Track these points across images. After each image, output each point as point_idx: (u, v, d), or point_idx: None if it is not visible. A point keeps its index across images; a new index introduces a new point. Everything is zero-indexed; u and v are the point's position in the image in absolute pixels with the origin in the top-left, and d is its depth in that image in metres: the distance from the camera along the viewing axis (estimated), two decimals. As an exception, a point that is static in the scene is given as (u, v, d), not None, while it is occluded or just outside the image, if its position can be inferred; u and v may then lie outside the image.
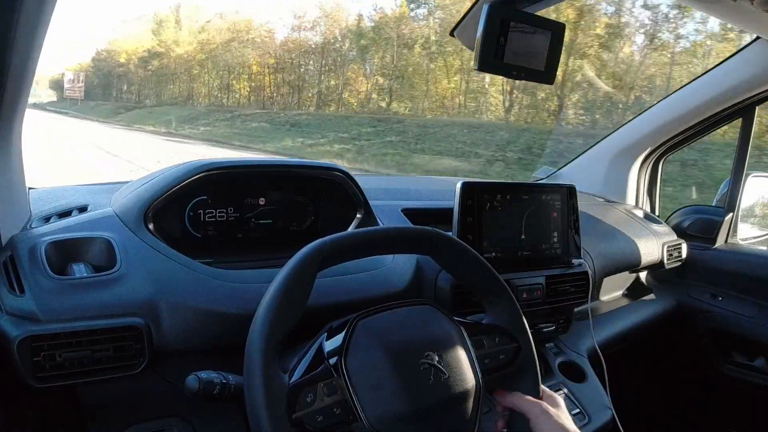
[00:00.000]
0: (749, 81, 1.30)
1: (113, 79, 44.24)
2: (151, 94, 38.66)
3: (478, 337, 0.64)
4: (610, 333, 1.24)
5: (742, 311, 1.41)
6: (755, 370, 1.38)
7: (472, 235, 0.92)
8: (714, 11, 0.98)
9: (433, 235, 0.66)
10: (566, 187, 1.05)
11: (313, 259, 0.57)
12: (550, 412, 0.63)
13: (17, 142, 0.77)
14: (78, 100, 41.16)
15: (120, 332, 0.66)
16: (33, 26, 0.60)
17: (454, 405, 0.56)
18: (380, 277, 0.86)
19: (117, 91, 44.65)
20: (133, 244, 0.76)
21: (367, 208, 0.98)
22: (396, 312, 0.61)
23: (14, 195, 0.78)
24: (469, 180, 0.94)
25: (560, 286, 1.02)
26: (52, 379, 0.63)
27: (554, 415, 0.63)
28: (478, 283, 0.68)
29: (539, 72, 0.80)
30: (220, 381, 0.58)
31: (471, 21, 0.88)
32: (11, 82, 0.64)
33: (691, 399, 1.57)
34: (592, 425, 0.94)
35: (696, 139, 1.54)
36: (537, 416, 0.63)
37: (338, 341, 0.56)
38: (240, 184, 0.92)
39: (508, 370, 0.66)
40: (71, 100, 41.28)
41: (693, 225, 1.54)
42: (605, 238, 1.28)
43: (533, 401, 0.64)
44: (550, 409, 0.63)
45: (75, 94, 41.08)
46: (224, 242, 0.91)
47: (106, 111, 36.30)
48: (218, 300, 0.72)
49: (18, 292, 0.66)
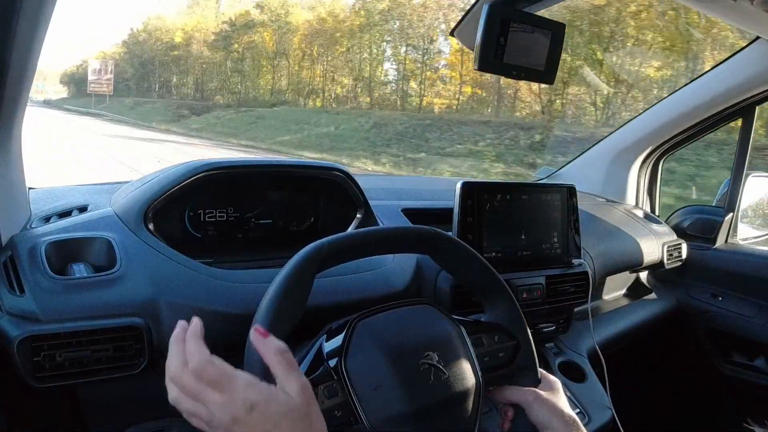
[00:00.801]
0: (749, 81, 1.30)
1: (154, 68, 33.89)
2: (230, 87, 27.61)
3: (477, 336, 0.64)
4: (610, 333, 1.24)
5: (742, 311, 1.41)
6: (755, 370, 1.38)
7: (472, 235, 0.92)
8: (714, 11, 0.98)
9: (433, 234, 0.66)
10: (566, 187, 1.05)
11: (313, 260, 0.57)
12: (543, 397, 0.63)
13: (17, 141, 0.77)
14: (106, 95, 32.90)
15: (120, 332, 0.66)
16: (33, 24, 0.60)
17: (454, 404, 0.57)
18: (380, 277, 0.86)
19: (160, 85, 33.90)
20: (133, 244, 0.76)
21: (367, 208, 0.98)
22: (395, 312, 0.61)
23: (14, 195, 0.78)
24: (469, 180, 0.94)
25: (560, 286, 1.02)
26: (52, 379, 0.63)
27: (548, 399, 0.62)
28: (478, 282, 0.68)
29: (539, 72, 0.80)
30: None
31: (471, 21, 0.88)
32: (11, 81, 0.64)
33: (691, 399, 1.57)
34: (592, 425, 0.94)
35: (696, 139, 1.54)
36: (531, 404, 0.62)
37: (338, 342, 0.56)
38: (240, 184, 0.92)
39: (507, 368, 0.66)
40: (97, 96, 32.76)
41: (693, 225, 1.54)
42: (605, 238, 1.28)
43: (526, 389, 0.64)
44: (542, 394, 0.63)
45: (102, 88, 32.70)
46: (224, 242, 0.91)
47: (157, 113, 27.34)
48: (218, 300, 0.72)
49: (18, 292, 0.66)
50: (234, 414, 0.44)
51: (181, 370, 0.47)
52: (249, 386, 0.45)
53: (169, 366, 0.48)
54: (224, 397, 0.45)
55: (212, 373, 0.45)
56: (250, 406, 0.44)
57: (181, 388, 0.47)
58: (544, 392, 0.63)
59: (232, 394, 0.45)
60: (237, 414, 0.44)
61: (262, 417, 0.44)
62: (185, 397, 0.47)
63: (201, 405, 0.45)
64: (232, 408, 0.44)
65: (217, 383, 0.45)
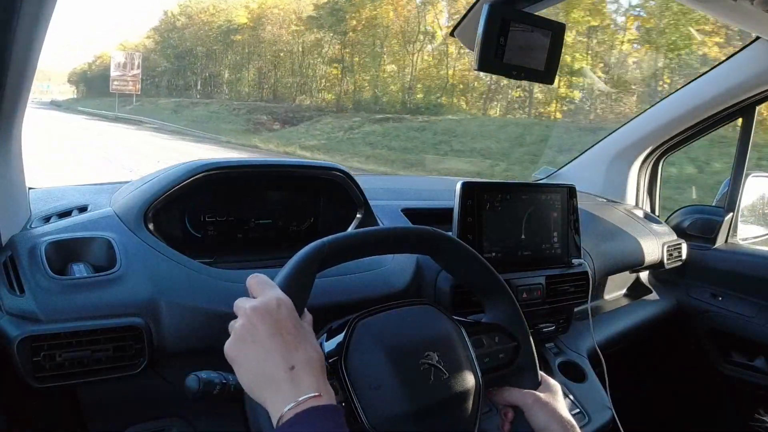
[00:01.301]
0: (749, 81, 1.30)
1: (195, 59, 26.45)
2: (331, 84, 19.23)
3: (477, 336, 0.64)
4: (610, 333, 1.24)
5: (742, 311, 1.41)
6: (755, 370, 1.38)
7: (472, 235, 0.92)
8: (714, 11, 0.98)
9: (433, 234, 0.66)
10: (566, 187, 1.05)
11: (313, 259, 0.57)
12: (542, 400, 0.63)
13: (17, 141, 0.77)
14: (132, 95, 26.79)
15: (120, 332, 0.66)
16: (33, 24, 0.60)
17: (454, 405, 0.57)
18: (380, 277, 0.86)
19: (203, 81, 26.31)
20: (133, 244, 0.76)
21: (367, 208, 0.98)
22: (396, 312, 0.61)
23: (14, 195, 0.78)
24: (469, 180, 0.94)
25: (560, 286, 1.02)
26: (52, 379, 0.63)
27: (547, 402, 0.62)
28: (478, 282, 0.68)
29: (539, 72, 0.80)
30: (220, 381, 0.58)
31: (471, 21, 0.88)
32: (11, 81, 0.64)
33: (691, 399, 1.57)
34: (592, 425, 0.94)
35: (696, 139, 1.54)
36: (530, 407, 0.62)
37: (338, 342, 0.56)
38: (240, 184, 0.92)
39: (508, 369, 0.66)
40: (121, 96, 26.67)
41: (693, 225, 1.55)
42: (605, 238, 1.28)
43: (525, 392, 0.64)
44: (542, 397, 0.63)
45: (127, 86, 26.46)
46: (224, 242, 0.91)
47: (220, 119, 19.71)
48: (218, 300, 0.72)
49: (18, 292, 0.66)
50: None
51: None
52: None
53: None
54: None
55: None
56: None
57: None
58: (543, 395, 0.63)
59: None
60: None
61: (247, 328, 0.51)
62: None
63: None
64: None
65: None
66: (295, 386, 0.47)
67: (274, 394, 0.47)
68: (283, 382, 0.47)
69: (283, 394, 0.47)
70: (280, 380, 0.47)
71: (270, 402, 0.47)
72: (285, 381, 0.47)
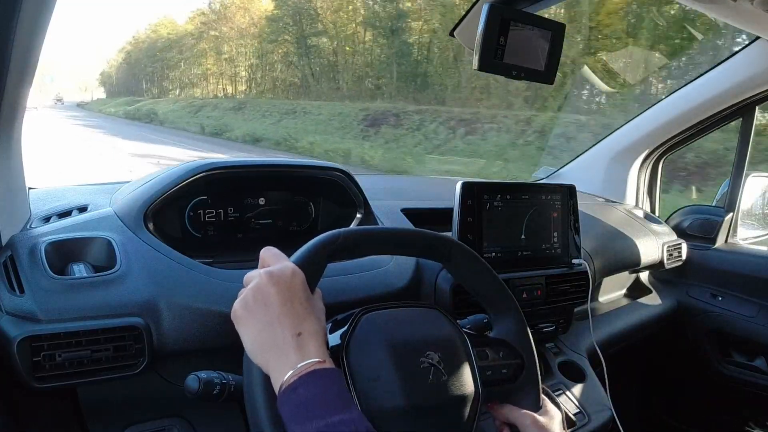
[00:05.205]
0: (749, 81, 1.30)
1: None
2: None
3: (482, 348, 0.63)
4: (610, 333, 1.24)
5: (741, 311, 1.41)
6: (755, 370, 1.38)
7: (472, 235, 0.92)
8: (714, 11, 0.98)
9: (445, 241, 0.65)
10: (566, 187, 1.05)
11: (325, 248, 0.57)
12: (540, 423, 0.62)
13: (17, 142, 0.77)
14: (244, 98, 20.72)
15: (120, 332, 0.66)
16: (33, 25, 0.60)
17: (451, 408, 0.56)
18: (380, 277, 0.86)
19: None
20: (133, 244, 0.76)
21: (367, 208, 0.98)
22: (401, 311, 0.61)
23: (14, 195, 0.78)
24: (469, 180, 0.94)
25: (560, 286, 1.02)
26: (52, 379, 0.63)
27: (545, 427, 0.62)
28: (490, 296, 0.68)
29: (539, 72, 0.80)
30: (220, 381, 0.58)
31: (471, 21, 0.88)
32: (11, 82, 0.64)
33: (690, 399, 1.57)
34: (592, 425, 0.94)
35: (696, 139, 1.54)
36: (527, 427, 0.62)
37: (341, 333, 0.56)
38: (240, 184, 0.92)
39: (509, 385, 0.65)
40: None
41: (693, 225, 1.55)
42: (605, 238, 1.28)
43: (524, 412, 0.63)
44: (540, 420, 0.63)
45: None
46: (224, 242, 0.91)
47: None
48: (218, 300, 0.72)
49: (18, 292, 0.66)
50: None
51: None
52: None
53: None
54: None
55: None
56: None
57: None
58: (542, 419, 0.63)
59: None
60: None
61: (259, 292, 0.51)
62: None
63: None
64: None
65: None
66: (300, 352, 0.47)
67: (278, 358, 0.48)
68: (289, 348, 0.48)
69: (288, 359, 0.47)
70: (287, 345, 0.48)
71: (273, 366, 0.48)
72: (291, 346, 0.48)
